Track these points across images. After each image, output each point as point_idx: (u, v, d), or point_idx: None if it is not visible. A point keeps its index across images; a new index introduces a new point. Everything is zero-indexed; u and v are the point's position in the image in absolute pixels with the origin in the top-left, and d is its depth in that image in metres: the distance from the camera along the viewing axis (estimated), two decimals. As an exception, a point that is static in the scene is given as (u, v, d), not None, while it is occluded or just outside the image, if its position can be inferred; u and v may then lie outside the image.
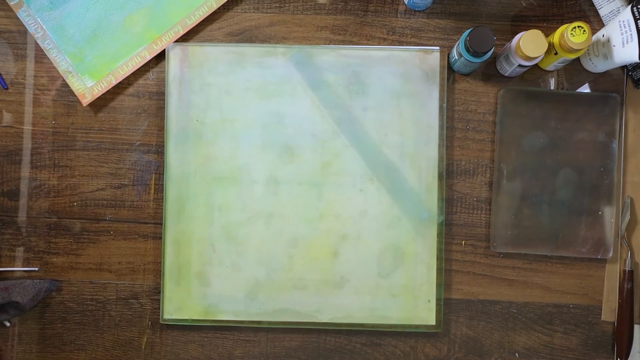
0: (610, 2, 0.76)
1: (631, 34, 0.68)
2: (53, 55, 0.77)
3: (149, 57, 0.77)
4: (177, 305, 0.76)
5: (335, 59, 0.77)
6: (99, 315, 0.78)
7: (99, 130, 0.78)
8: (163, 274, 0.76)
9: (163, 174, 0.77)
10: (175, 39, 0.77)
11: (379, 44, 0.78)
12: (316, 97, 0.77)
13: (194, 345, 0.78)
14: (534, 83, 0.78)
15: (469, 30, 0.70)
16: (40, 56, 0.78)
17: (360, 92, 0.76)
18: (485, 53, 0.70)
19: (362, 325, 0.76)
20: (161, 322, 0.76)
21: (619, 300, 0.77)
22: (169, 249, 0.76)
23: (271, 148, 0.77)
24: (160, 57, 0.78)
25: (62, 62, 0.77)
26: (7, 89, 0.78)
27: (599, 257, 0.76)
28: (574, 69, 0.78)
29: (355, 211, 0.76)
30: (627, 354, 0.76)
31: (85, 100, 0.77)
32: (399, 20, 0.78)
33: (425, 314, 0.76)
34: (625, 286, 0.76)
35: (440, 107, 0.76)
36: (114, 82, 0.77)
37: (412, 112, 0.76)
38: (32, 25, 0.77)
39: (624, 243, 0.77)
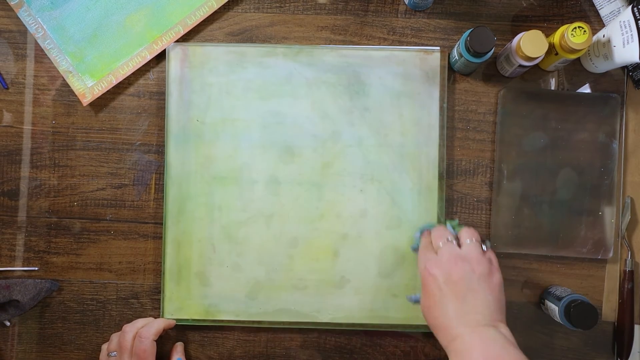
0: (611, 3, 0.76)
1: (632, 34, 0.68)
2: (53, 55, 0.77)
3: (149, 57, 0.77)
4: (177, 305, 0.76)
5: (335, 59, 0.77)
6: (99, 315, 0.78)
7: (99, 130, 0.78)
8: (163, 273, 0.76)
9: (163, 173, 0.77)
10: (175, 39, 0.77)
11: (379, 44, 0.78)
12: (316, 97, 0.77)
13: (194, 345, 0.78)
14: (535, 83, 0.78)
15: (469, 31, 0.70)
16: (41, 56, 0.78)
17: (360, 92, 0.76)
18: (486, 53, 0.70)
19: (362, 325, 0.76)
20: (161, 322, 0.77)
21: (619, 300, 0.77)
22: (169, 249, 0.76)
23: (271, 148, 0.76)
24: (161, 57, 0.78)
25: (62, 62, 0.77)
26: (7, 88, 0.78)
27: (599, 257, 0.76)
28: (575, 69, 0.78)
29: (355, 211, 0.76)
30: (627, 354, 0.76)
31: (86, 100, 0.77)
32: (400, 20, 0.78)
33: (425, 314, 0.76)
34: (626, 286, 0.76)
35: (441, 107, 0.76)
36: (115, 82, 0.77)
37: (413, 112, 0.76)
38: (33, 25, 0.77)
39: (624, 243, 0.77)
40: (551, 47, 0.71)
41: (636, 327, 0.76)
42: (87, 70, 0.77)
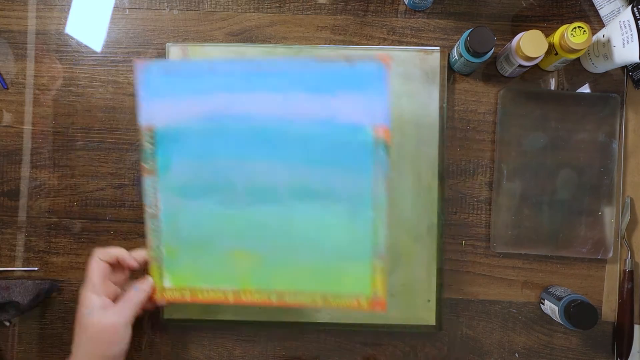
0: (611, 2, 0.76)
1: (631, 34, 0.68)
2: (153, 236, 0.68)
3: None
4: (177, 305, 0.76)
5: (335, 59, 0.76)
6: (99, 315, 0.78)
7: (99, 130, 0.78)
8: (163, 273, 0.76)
9: (163, 173, 0.77)
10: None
11: (379, 44, 0.78)
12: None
13: (194, 345, 0.78)
14: (534, 83, 0.78)
15: (469, 31, 0.70)
16: (41, 56, 0.78)
17: (360, 92, 0.76)
18: (486, 53, 0.70)
19: (362, 325, 0.76)
20: (161, 322, 0.76)
21: (619, 300, 0.77)
22: (169, 249, 0.76)
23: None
24: (161, 57, 0.78)
25: (158, 245, 0.68)
26: (7, 88, 0.78)
27: (599, 257, 0.76)
28: (574, 69, 0.78)
29: (355, 211, 0.76)
30: (627, 354, 0.76)
31: (157, 297, 0.68)
32: (399, 20, 0.78)
33: (425, 314, 0.76)
34: (625, 286, 0.76)
35: (441, 107, 0.76)
36: (189, 300, 0.67)
37: (412, 112, 0.76)
38: (151, 197, 0.68)
39: (624, 243, 0.77)
40: (551, 47, 0.72)
41: (636, 327, 0.76)
42: (171, 269, 0.68)
